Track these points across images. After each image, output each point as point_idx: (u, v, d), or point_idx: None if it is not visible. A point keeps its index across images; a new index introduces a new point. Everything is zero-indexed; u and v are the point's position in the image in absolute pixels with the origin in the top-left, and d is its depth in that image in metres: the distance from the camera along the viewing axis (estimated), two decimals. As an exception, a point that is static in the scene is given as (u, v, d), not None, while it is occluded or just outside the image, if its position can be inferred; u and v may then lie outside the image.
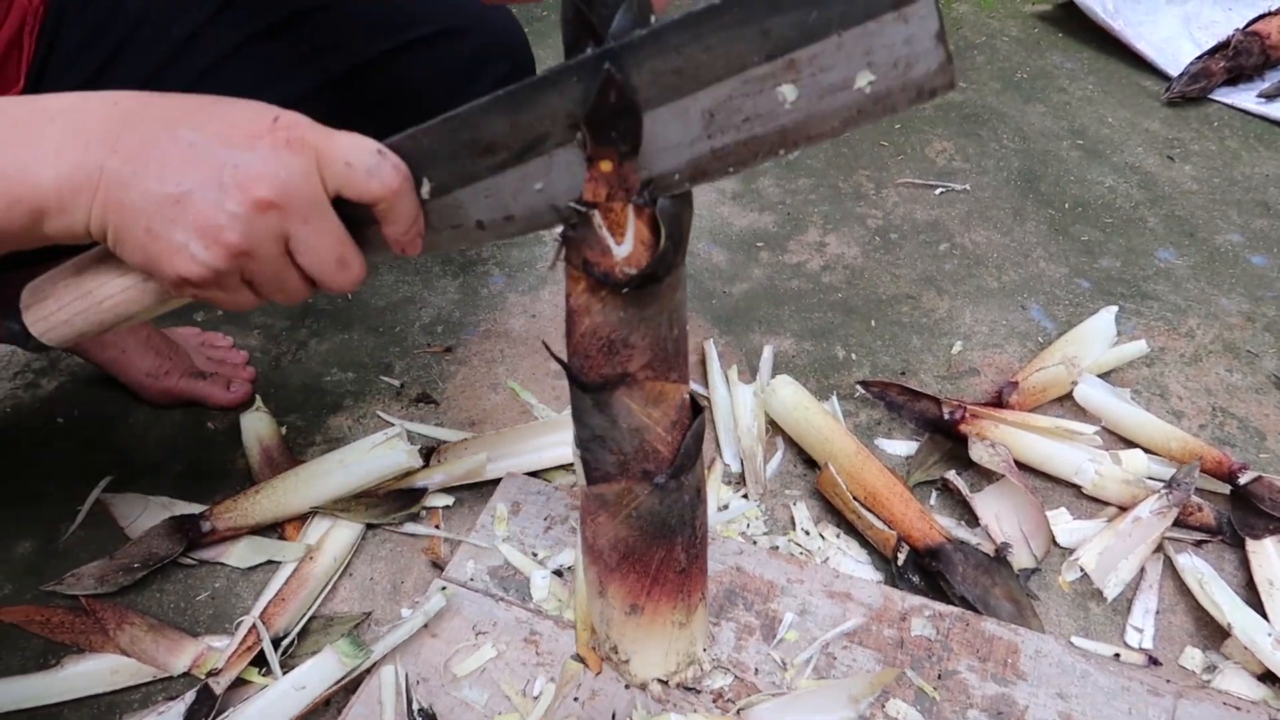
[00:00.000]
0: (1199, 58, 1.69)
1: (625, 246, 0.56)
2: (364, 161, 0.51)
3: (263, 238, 0.50)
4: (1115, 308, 1.15)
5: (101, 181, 0.49)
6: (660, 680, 0.76)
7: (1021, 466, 0.99)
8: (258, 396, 1.05)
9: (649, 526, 0.68)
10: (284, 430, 1.03)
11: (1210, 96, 1.68)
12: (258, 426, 1.02)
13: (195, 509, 0.92)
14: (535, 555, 0.88)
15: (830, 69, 0.47)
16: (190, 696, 0.77)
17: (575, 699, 0.77)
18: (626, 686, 0.77)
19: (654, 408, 0.63)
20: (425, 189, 0.53)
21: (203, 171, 0.49)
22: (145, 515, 0.93)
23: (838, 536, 0.94)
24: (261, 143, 0.50)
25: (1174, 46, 1.78)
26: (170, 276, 0.51)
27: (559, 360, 0.63)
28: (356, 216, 0.53)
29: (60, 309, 0.56)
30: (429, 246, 0.56)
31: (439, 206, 0.54)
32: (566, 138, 0.51)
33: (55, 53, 0.76)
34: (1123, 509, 0.96)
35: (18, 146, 0.49)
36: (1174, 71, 1.71)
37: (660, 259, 0.56)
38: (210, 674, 0.80)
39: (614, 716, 0.75)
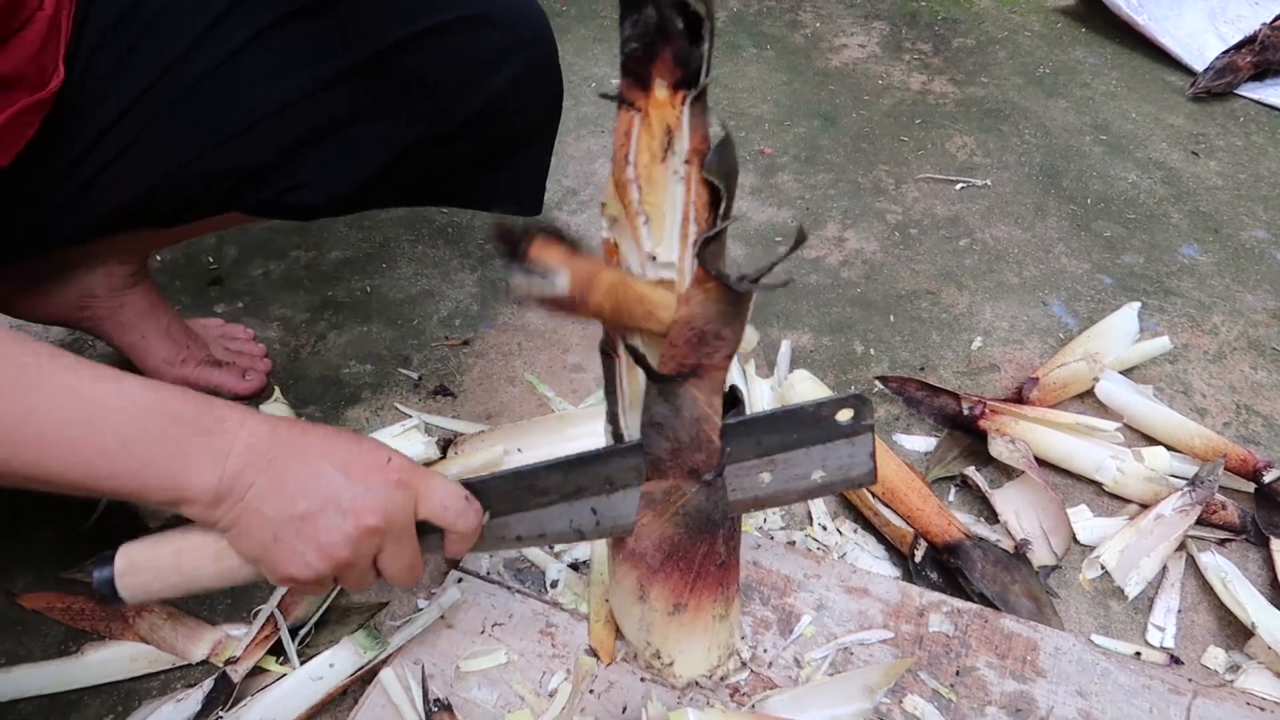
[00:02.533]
0: (1225, 52, 1.67)
1: None
2: (456, 506, 0.64)
3: (363, 553, 0.62)
4: (1138, 304, 1.14)
5: (249, 493, 0.59)
6: (705, 677, 0.76)
7: (1042, 463, 0.98)
8: (276, 388, 1.06)
9: (695, 523, 0.68)
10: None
11: (1236, 92, 1.66)
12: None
13: (214, 499, 0.93)
14: (552, 548, 0.88)
15: (797, 466, 0.68)
16: (208, 684, 0.78)
17: (591, 691, 0.77)
18: (641, 679, 0.77)
19: (715, 397, 0.64)
20: (485, 516, 0.67)
21: (328, 497, 0.60)
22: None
23: (855, 532, 0.94)
24: (377, 479, 0.61)
25: (1199, 41, 1.76)
26: (282, 575, 0.62)
27: (634, 354, 0.62)
28: (423, 527, 0.65)
29: (159, 581, 0.63)
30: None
31: (490, 526, 0.68)
32: (602, 490, 0.67)
33: (87, 32, 0.77)
34: (1144, 506, 0.95)
35: (200, 447, 0.58)
36: (1199, 66, 1.69)
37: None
38: (228, 662, 0.80)
39: (624, 710, 0.75)
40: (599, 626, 0.80)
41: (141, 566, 0.63)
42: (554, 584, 0.85)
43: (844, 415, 0.67)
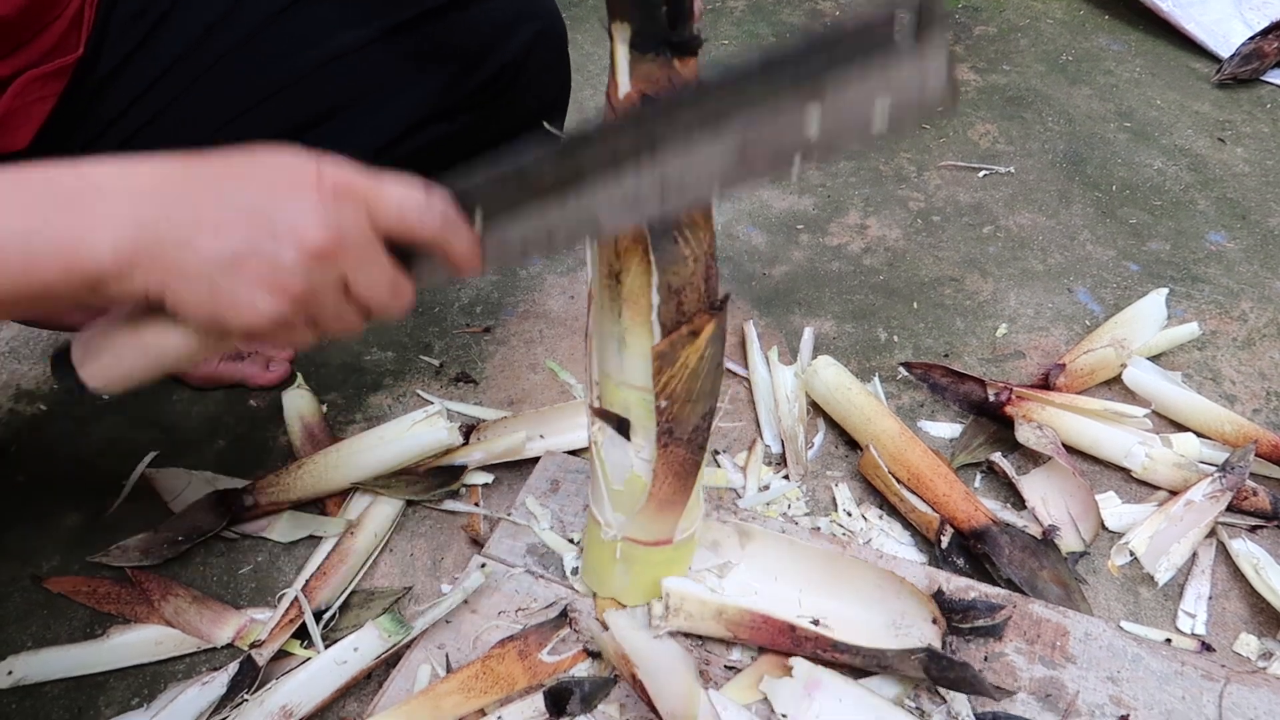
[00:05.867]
0: (1251, 38, 1.64)
1: None
2: (414, 207, 0.54)
3: (322, 283, 0.53)
4: (1165, 290, 1.13)
5: (158, 248, 0.50)
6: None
7: (1069, 449, 0.97)
8: (299, 375, 1.06)
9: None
10: (325, 408, 1.04)
11: (1263, 78, 1.64)
12: (299, 404, 1.02)
13: (238, 484, 0.93)
14: (573, 541, 0.87)
15: (852, 94, 0.52)
16: (233, 668, 0.78)
17: (615, 677, 0.76)
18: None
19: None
20: (478, 221, 0.57)
21: (255, 228, 0.51)
22: (189, 490, 0.94)
23: (880, 518, 0.93)
24: (309, 193, 0.52)
25: (1224, 27, 1.74)
26: (238, 328, 0.53)
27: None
28: (411, 248, 0.56)
29: (119, 362, 0.57)
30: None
31: (488, 232, 0.57)
32: (604, 175, 0.55)
33: (114, 16, 0.77)
34: (1174, 493, 0.93)
35: (71, 220, 0.49)
36: (1224, 53, 1.67)
37: None
38: (253, 646, 0.80)
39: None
40: (606, 602, 0.81)
41: (100, 350, 0.57)
42: (574, 571, 0.84)
43: (902, 26, 0.49)
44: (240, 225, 0.51)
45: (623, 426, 0.68)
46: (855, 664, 0.74)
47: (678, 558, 0.78)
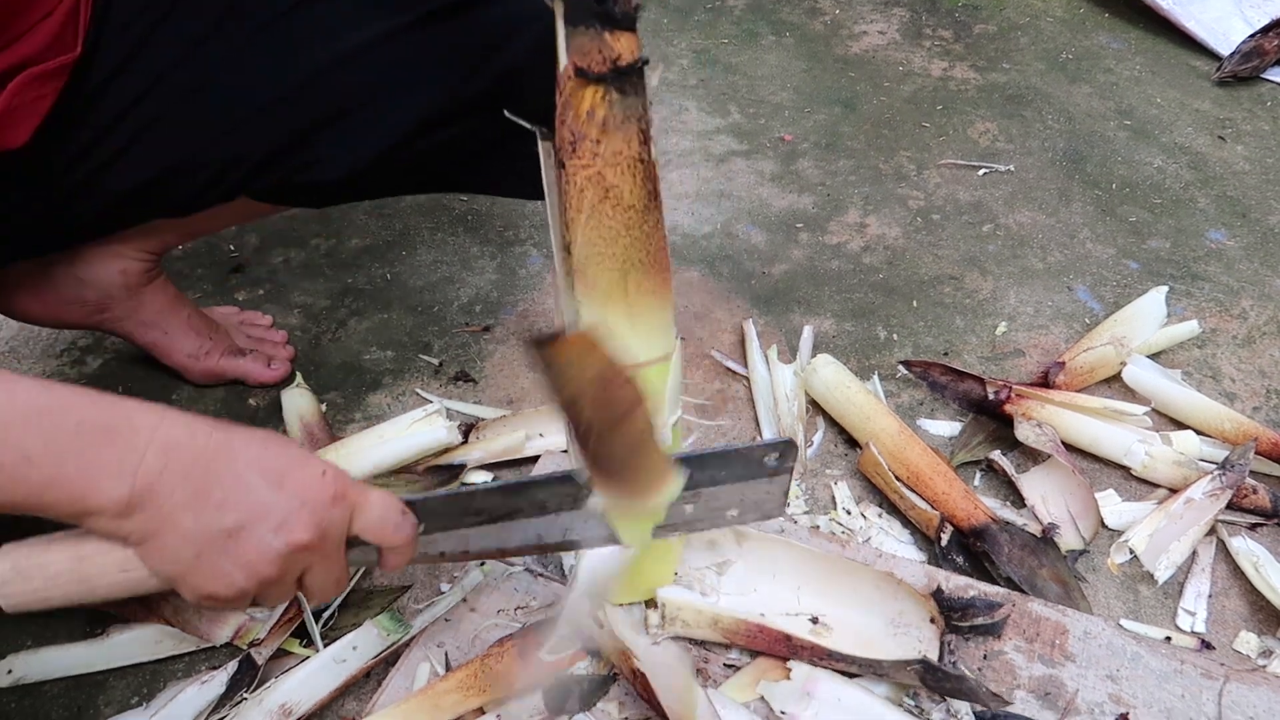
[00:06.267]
0: (1251, 36, 1.64)
1: None
2: (394, 521, 0.61)
3: (291, 571, 0.58)
4: (1165, 288, 1.12)
5: (167, 505, 0.53)
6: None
7: (1068, 447, 0.97)
8: (298, 374, 1.06)
9: None
10: (324, 407, 1.04)
11: (1263, 76, 1.64)
12: (298, 403, 1.02)
13: (237, 483, 0.93)
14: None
15: (718, 501, 0.70)
16: (232, 666, 0.78)
17: (614, 675, 0.76)
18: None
19: None
20: (420, 530, 0.64)
21: (260, 512, 0.55)
22: (188, 489, 0.94)
23: (880, 516, 0.93)
24: (313, 493, 0.57)
25: (1225, 25, 1.74)
26: (202, 594, 0.57)
27: None
28: (354, 540, 0.62)
29: (47, 587, 0.56)
30: None
31: (420, 541, 0.65)
32: (532, 512, 0.66)
33: (110, 17, 0.77)
34: (1174, 491, 0.93)
35: (100, 450, 0.52)
36: (1225, 51, 1.66)
37: None
38: (252, 644, 0.80)
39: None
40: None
41: (30, 574, 0.56)
42: (571, 569, 0.84)
43: (770, 458, 0.68)
44: (247, 506, 0.55)
45: None
46: (851, 672, 0.74)
47: (667, 552, 0.77)
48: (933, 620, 0.75)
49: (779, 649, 0.74)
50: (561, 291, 0.66)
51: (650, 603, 0.78)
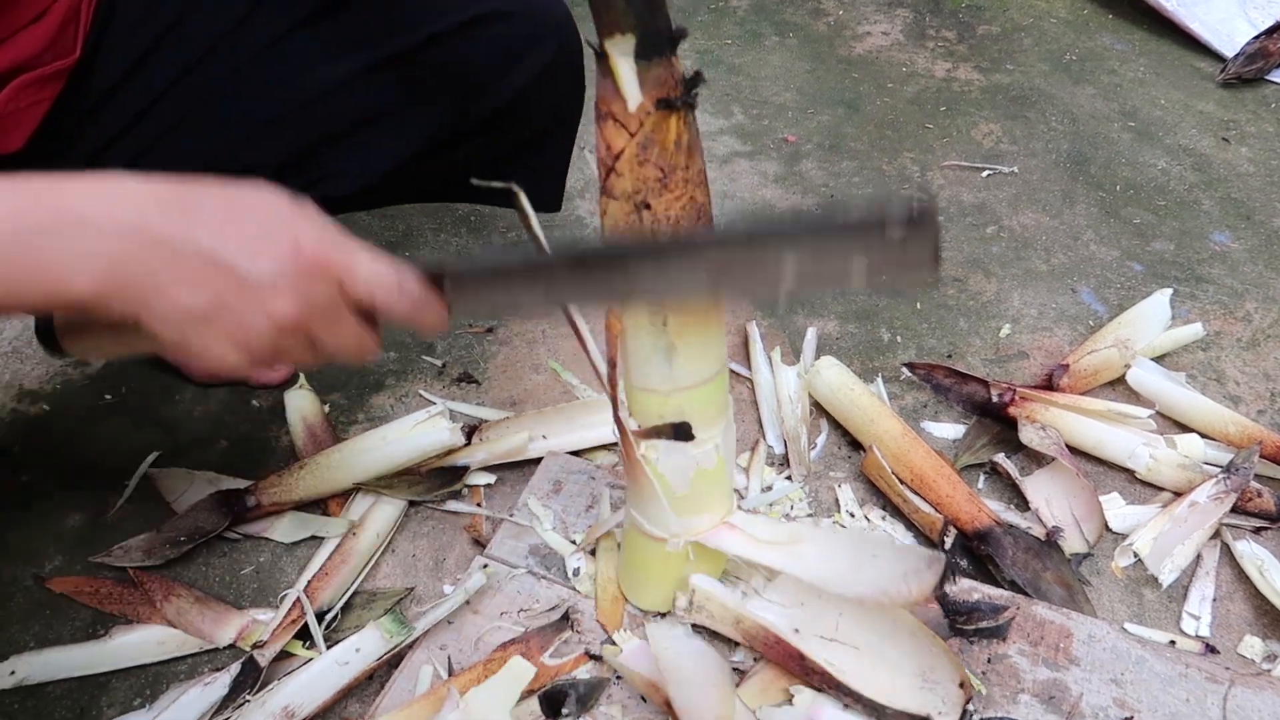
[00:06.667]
0: (1255, 38, 1.64)
1: None
2: (386, 285, 0.56)
3: (291, 344, 0.55)
4: (1170, 290, 1.12)
5: (135, 291, 0.51)
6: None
7: (1073, 450, 0.96)
8: (301, 375, 1.06)
9: None
10: (327, 408, 1.04)
11: (1267, 78, 1.63)
12: (301, 404, 1.02)
13: (240, 484, 0.93)
14: (574, 541, 0.87)
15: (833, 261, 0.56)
16: (235, 668, 0.78)
17: (616, 678, 0.76)
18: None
19: None
20: (448, 289, 0.59)
21: (229, 291, 0.52)
22: (191, 490, 0.94)
23: (883, 519, 0.93)
24: (286, 265, 0.53)
25: (1229, 27, 1.73)
26: (205, 368, 0.55)
27: None
28: None
29: (98, 345, 0.62)
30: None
31: (456, 299, 0.60)
32: (571, 270, 0.59)
33: (112, 25, 0.77)
34: (1178, 494, 0.93)
35: (49, 255, 0.50)
36: (1229, 52, 1.66)
37: None
38: (255, 646, 0.80)
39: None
40: (606, 603, 0.81)
41: (81, 330, 0.61)
42: (575, 572, 0.84)
43: (893, 222, 0.53)
44: (212, 282, 0.52)
45: (682, 431, 0.66)
46: (854, 708, 0.72)
47: (716, 560, 0.77)
48: (961, 685, 0.73)
49: (791, 665, 0.74)
50: (639, 330, 0.64)
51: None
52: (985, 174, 1.42)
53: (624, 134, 0.57)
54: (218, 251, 0.52)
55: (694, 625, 0.78)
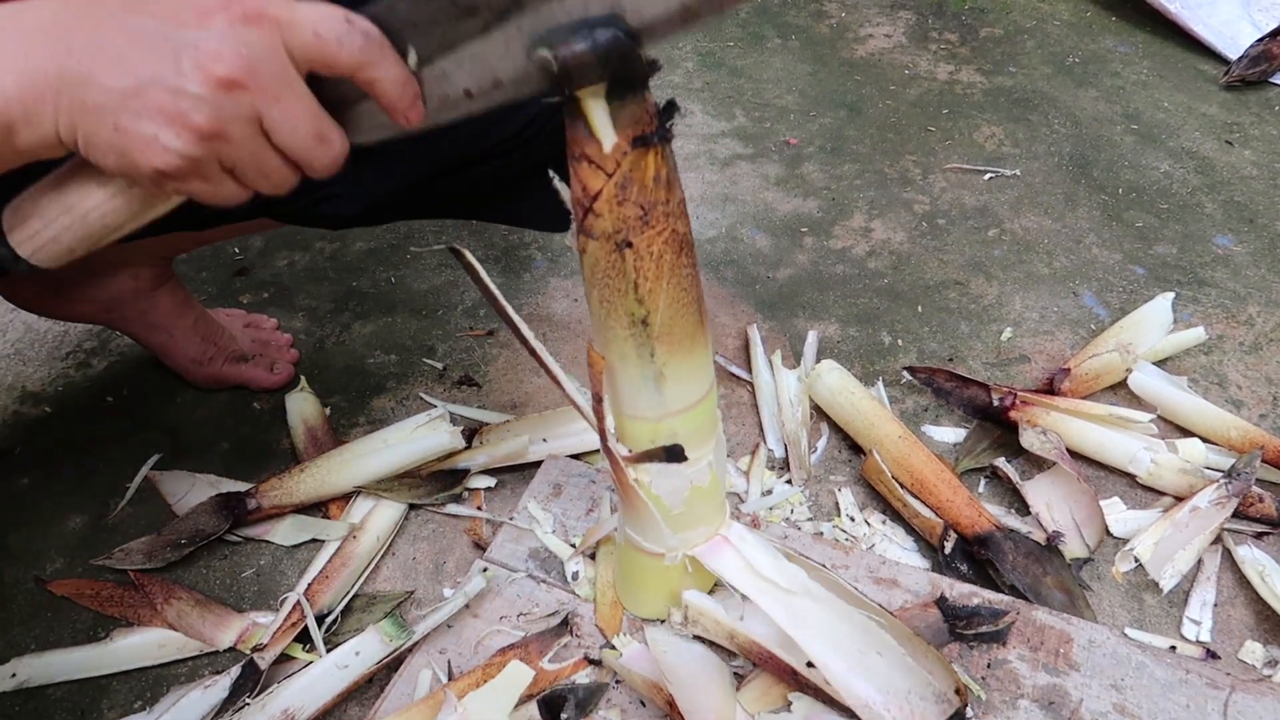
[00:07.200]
0: (1259, 40, 1.64)
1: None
2: (333, 30, 0.49)
3: (233, 118, 0.49)
4: (1172, 294, 1.12)
5: (61, 85, 0.47)
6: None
7: (1074, 455, 0.96)
8: (302, 378, 1.06)
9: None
10: (328, 411, 1.04)
11: (1271, 80, 1.63)
12: (302, 407, 1.02)
13: (241, 487, 0.93)
14: (573, 545, 0.87)
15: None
16: (236, 671, 0.78)
17: (615, 682, 0.76)
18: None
19: None
20: (412, 59, 0.52)
21: (159, 58, 0.47)
22: (192, 493, 0.94)
23: (883, 523, 0.93)
24: (217, 19, 0.48)
25: (1233, 29, 1.73)
26: (147, 171, 0.50)
27: None
28: (342, 95, 0.52)
29: (45, 226, 0.54)
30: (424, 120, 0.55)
31: (426, 77, 0.52)
32: None
33: None
34: (1179, 499, 0.93)
35: None
36: (1233, 55, 1.66)
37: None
38: (255, 649, 0.80)
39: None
40: (605, 608, 0.80)
41: (28, 213, 0.54)
42: (574, 576, 0.84)
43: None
44: (143, 55, 0.47)
45: (675, 453, 0.66)
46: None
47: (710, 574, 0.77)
48: (958, 693, 0.71)
49: (785, 678, 0.73)
50: (626, 361, 0.63)
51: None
52: (987, 177, 1.41)
53: (600, 175, 0.55)
54: (145, 24, 0.48)
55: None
